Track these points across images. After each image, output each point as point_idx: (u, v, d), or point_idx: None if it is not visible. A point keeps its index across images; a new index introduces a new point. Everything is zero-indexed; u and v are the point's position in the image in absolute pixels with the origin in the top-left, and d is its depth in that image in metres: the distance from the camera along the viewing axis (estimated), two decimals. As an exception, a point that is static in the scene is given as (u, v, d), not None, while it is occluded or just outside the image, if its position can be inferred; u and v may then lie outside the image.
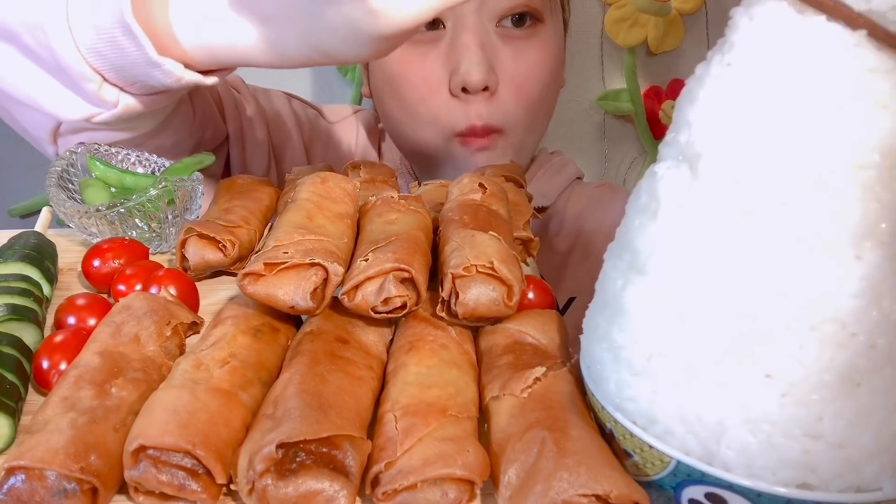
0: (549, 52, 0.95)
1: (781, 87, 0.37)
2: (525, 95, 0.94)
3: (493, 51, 0.91)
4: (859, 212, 0.36)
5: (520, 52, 0.92)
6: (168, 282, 0.59)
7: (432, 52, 0.92)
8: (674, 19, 1.24)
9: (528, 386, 0.48)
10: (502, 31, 0.92)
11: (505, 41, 0.92)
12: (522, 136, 0.97)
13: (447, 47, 0.91)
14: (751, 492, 0.39)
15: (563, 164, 1.08)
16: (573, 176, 1.06)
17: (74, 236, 0.73)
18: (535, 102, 0.95)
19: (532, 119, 0.97)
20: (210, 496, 0.43)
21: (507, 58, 0.92)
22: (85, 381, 0.47)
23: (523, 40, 0.93)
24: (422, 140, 0.97)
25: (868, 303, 0.36)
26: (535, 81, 0.94)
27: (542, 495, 0.40)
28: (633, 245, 0.43)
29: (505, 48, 0.92)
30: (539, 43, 0.94)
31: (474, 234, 0.57)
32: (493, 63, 0.91)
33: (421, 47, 0.92)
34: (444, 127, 0.93)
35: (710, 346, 0.39)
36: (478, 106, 0.91)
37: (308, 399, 0.45)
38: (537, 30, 0.94)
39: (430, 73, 0.92)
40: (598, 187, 1.07)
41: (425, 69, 0.92)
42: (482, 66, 0.89)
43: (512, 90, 0.92)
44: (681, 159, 0.41)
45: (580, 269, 0.95)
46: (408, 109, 0.96)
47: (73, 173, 0.74)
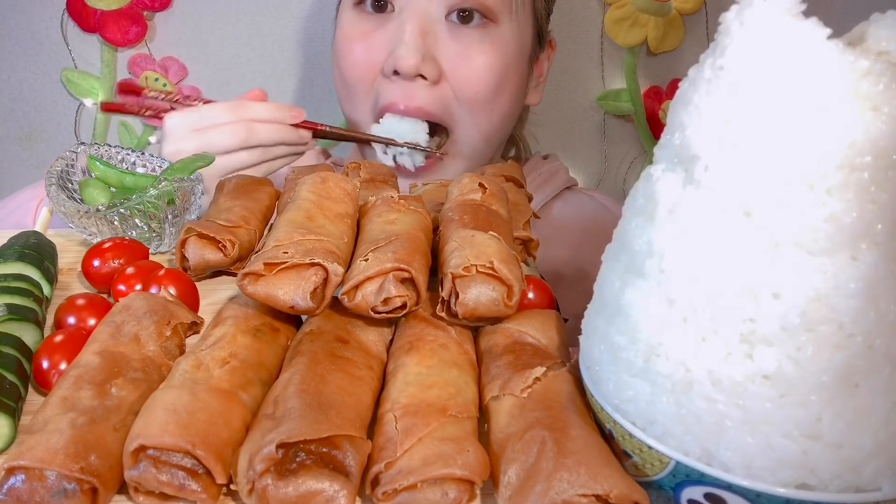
0: (500, 55, 0.92)
1: (774, 90, 0.37)
2: (468, 95, 0.92)
3: (438, 43, 0.90)
4: (854, 213, 0.36)
5: (467, 49, 0.91)
6: (168, 282, 0.59)
7: (376, 33, 0.92)
8: (674, 19, 1.24)
9: (528, 386, 0.48)
10: (451, 25, 0.90)
11: (453, 36, 0.90)
12: (471, 141, 0.95)
13: (392, 30, 0.90)
14: (750, 492, 0.39)
15: (553, 171, 1.07)
16: (563, 185, 1.05)
17: (74, 236, 0.73)
18: (480, 105, 0.93)
19: (480, 123, 0.94)
20: (210, 496, 0.43)
21: (453, 51, 0.90)
22: (85, 381, 0.47)
23: (472, 39, 0.91)
24: (352, 120, 0.98)
25: (865, 304, 0.37)
26: (479, 82, 0.92)
27: (542, 495, 0.40)
28: (631, 247, 0.43)
29: (451, 43, 0.90)
30: (489, 43, 0.91)
31: (474, 234, 0.57)
32: (435, 53, 0.89)
33: (367, 25, 0.92)
34: (373, 107, 0.93)
35: (709, 348, 0.39)
36: (411, 90, 0.90)
37: (308, 399, 0.45)
38: (488, 31, 0.91)
39: (369, 53, 0.92)
40: (591, 200, 1.06)
41: (366, 49, 0.92)
42: (417, 52, 0.88)
43: (455, 86, 0.91)
44: (676, 161, 0.42)
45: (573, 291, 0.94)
46: (346, 87, 0.96)
47: (73, 173, 0.74)
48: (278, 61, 1.25)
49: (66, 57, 1.21)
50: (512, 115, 1.00)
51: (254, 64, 1.25)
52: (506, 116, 0.98)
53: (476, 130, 0.95)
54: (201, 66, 1.24)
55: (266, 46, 1.24)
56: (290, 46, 1.24)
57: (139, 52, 1.22)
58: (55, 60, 1.21)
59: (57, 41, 1.20)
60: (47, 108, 1.24)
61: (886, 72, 0.36)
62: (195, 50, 1.23)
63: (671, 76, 1.29)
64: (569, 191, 1.07)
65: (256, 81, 1.25)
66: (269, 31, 1.23)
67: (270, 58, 1.25)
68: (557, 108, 1.24)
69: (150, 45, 1.22)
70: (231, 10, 1.21)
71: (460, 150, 0.95)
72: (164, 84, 1.23)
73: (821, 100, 0.36)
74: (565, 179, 1.06)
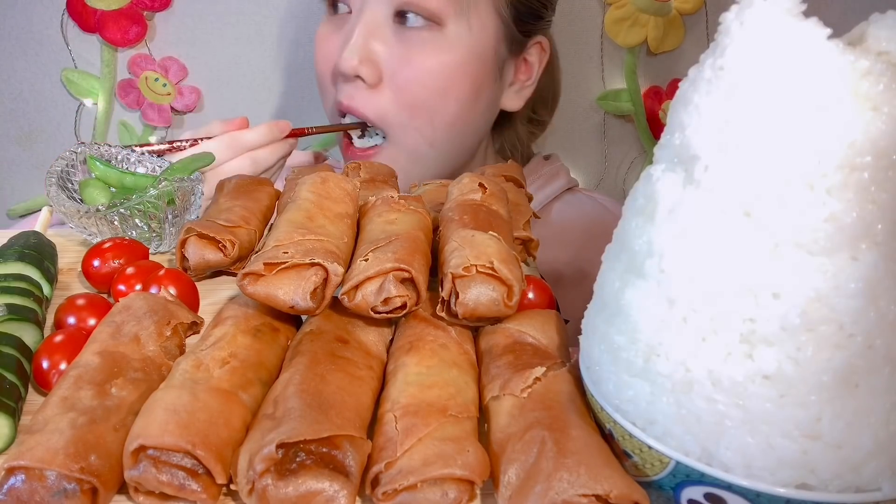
0: (444, 61, 0.91)
1: (774, 90, 0.37)
2: (407, 99, 0.91)
3: (382, 42, 0.90)
4: (854, 213, 0.36)
5: (408, 52, 0.90)
6: (168, 282, 0.59)
7: (335, 34, 0.94)
8: (674, 19, 1.24)
9: (528, 386, 0.48)
10: (397, 28, 0.90)
11: (399, 39, 0.90)
12: (413, 144, 0.94)
13: (346, 32, 0.92)
14: (750, 492, 0.39)
15: (553, 173, 1.06)
16: (563, 187, 1.04)
17: (74, 236, 0.73)
18: (420, 109, 0.92)
19: (421, 127, 0.93)
20: (210, 496, 0.43)
21: (395, 54, 0.90)
22: (85, 381, 0.47)
23: (414, 41, 0.90)
24: (327, 114, 1.01)
25: (865, 304, 0.37)
26: (418, 86, 0.91)
27: (542, 495, 0.40)
28: (631, 246, 0.43)
29: (396, 46, 0.90)
30: (432, 48, 0.90)
31: (474, 234, 0.57)
32: (376, 55, 0.90)
33: (330, 27, 0.95)
34: (328, 104, 0.97)
35: (709, 348, 0.39)
36: (350, 90, 0.92)
37: (308, 399, 0.45)
38: (432, 33, 0.90)
39: (329, 52, 0.94)
40: (592, 201, 1.05)
41: (327, 47, 0.95)
42: (354, 55, 0.89)
43: (394, 90, 0.91)
44: (676, 161, 0.42)
45: (573, 292, 0.93)
46: (318, 85, 1.00)
47: (73, 173, 0.74)
48: (278, 61, 1.25)
49: (66, 57, 1.21)
50: (466, 120, 0.96)
51: (254, 64, 1.25)
52: (454, 122, 0.95)
53: (417, 135, 0.94)
54: (201, 66, 1.24)
55: (266, 46, 1.24)
56: (290, 46, 1.24)
57: (139, 52, 1.22)
58: (55, 60, 1.21)
59: (57, 41, 1.20)
60: (47, 108, 1.24)
61: (886, 72, 0.36)
62: (195, 50, 1.23)
63: (671, 76, 1.29)
64: (569, 192, 1.06)
65: (256, 81, 1.25)
66: (269, 31, 1.23)
67: (270, 58, 1.25)
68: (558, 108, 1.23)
69: (150, 45, 1.22)
70: (231, 10, 1.21)
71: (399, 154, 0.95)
72: (164, 84, 1.23)
73: (821, 100, 0.36)
74: (566, 181, 1.06)
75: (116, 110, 1.25)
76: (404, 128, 0.93)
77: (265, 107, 1.28)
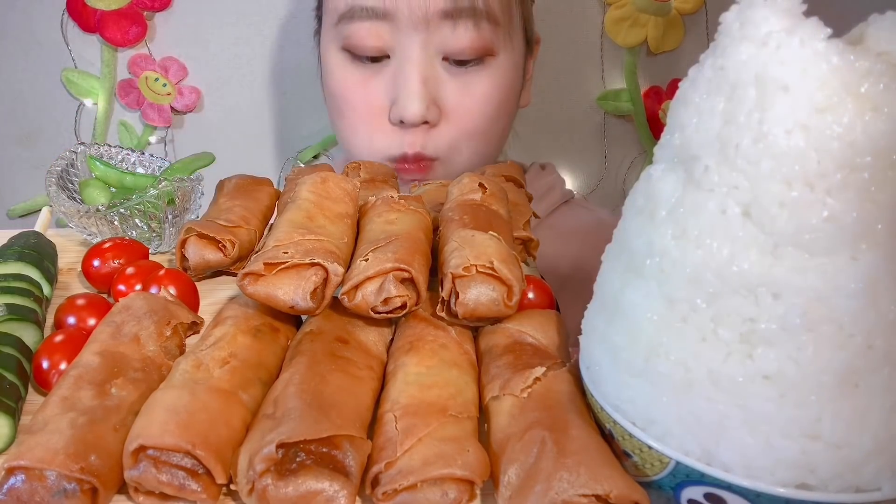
0: (499, 85, 0.93)
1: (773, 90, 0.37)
2: (467, 127, 0.92)
3: (438, 84, 0.90)
4: (854, 213, 0.36)
5: (467, 86, 0.91)
6: (168, 282, 0.59)
7: (375, 79, 0.92)
8: (674, 19, 1.24)
9: (528, 386, 0.48)
10: (449, 64, 0.91)
11: (452, 74, 0.91)
12: (464, 162, 0.95)
13: (391, 76, 0.91)
14: (750, 492, 0.39)
15: (550, 186, 1.06)
16: (560, 201, 1.05)
17: (74, 236, 0.73)
18: (478, 134, 0.94)
19: (475, 147, 0.95)
20: (210, 496, 0.43)
21: (453, 90, 0.91)
22: (85, 381, 0.47)
23: (472, 73, 0.91)
24: (346, 139, 0.99)
25: (865, 304, 0.37)
26: (479, 115, 0.92)
27: (542, 495, 0.40)
28: (631, 246, 0.43)
29: (451, 81, 0.91)
30: (487, 76, 0.92)
31: (474, 234, 0.57)
32: (436, 96, 0.90)
33: (364, 72, 0.92)
34: (380, 150, 0.93)
35: (709, 348, 0.39)
36: (413, 136, 0.91)
37: (308, 399, 0.45)
38: (486, 63, 0.92)
39: (371, 98, 0.92)
40: (589, 213, 1.05)
41: (367, 94, 0.92)
42: (421, 102, 0.88)
43: (454, 122, 0.92)
44: (676, 161, 0.42)
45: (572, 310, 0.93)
46: (348, 128, 0.97)
47: (73, 173, 0.74)
48: (278, 61, 1.25)
49: (66, 57, 1.21)
50: (508, 131, 1.01)
51: (254, 64, 1.25)
52: (503, 137, 1.00)
53: (473, 155, 0.96)
54: (201, 66, 1.24)
55: (266, 46, 1.24)
56: (291, 47, 1.24)
57: (139, 52, 1.22)
58: (55, 60, 1.21)
59: (57, 41, 1.20)
60: (47, 108, 1.24)
61: (886, 72, 0.36)
62: (195, 50, 1.23)
63: (671, 76, 1.29)
64: (566, 205, 1.06)
65: (256, 81, 1.25)
66: (269, 31, 1.23)
67: (270, 58, 1.25)
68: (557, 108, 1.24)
69: (150, 45, 1.22)
70: (231, 10, 1.21)
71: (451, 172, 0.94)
72: (164, 84, 1.23)
73: (821, 100, 0.36)
74: (562, 194, 1.06)
75: (116, 110, 1.25)
76: (460, 151, 0.94)
77: (265, 107, 1.28)
